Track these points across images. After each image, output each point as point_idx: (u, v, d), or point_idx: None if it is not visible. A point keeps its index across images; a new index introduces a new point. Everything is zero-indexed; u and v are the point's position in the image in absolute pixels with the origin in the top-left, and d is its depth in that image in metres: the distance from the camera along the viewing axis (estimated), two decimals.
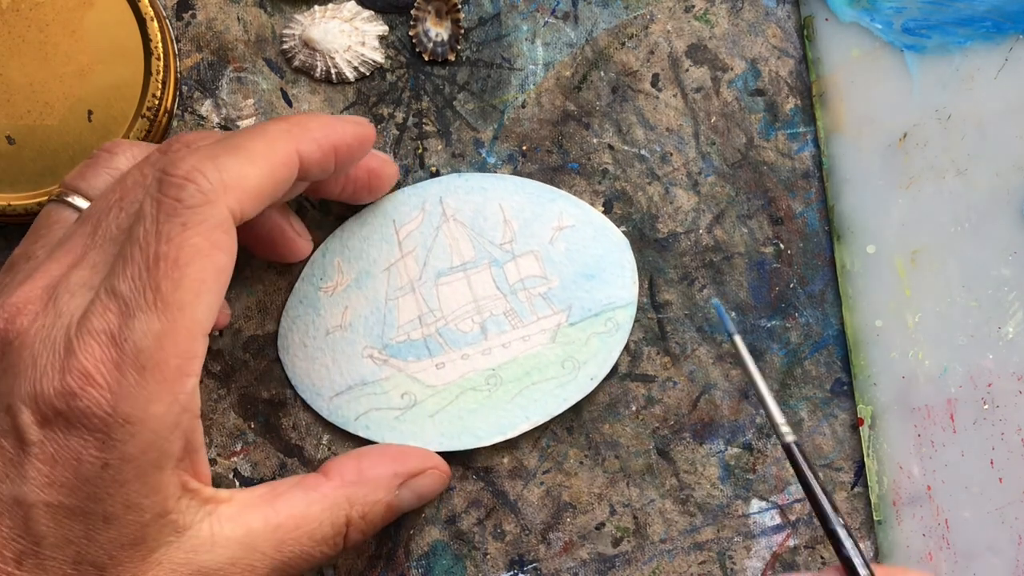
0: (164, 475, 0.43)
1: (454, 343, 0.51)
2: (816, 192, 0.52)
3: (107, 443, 0.42)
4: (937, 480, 0.51)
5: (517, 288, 0.51)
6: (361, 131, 0.48)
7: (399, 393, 0.51)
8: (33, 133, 0.51)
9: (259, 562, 0.45)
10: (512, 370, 0.51)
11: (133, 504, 0.42)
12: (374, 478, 0.48)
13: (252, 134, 0.45)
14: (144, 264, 0.42)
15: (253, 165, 0.44)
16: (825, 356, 0.52)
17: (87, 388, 0.41)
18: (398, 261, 0.52)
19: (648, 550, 0.52)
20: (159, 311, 0.42)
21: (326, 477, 0.48)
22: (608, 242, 0.52)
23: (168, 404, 0.42)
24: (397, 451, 0.50)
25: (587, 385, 0.51)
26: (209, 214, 0.42)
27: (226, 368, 0.52)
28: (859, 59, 0.52)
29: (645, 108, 0.53)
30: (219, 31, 0.53)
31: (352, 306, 0.51)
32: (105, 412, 0.41)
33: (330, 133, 0.46)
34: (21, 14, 0.51)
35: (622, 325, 0.51)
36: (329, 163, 0.47)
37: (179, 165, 0.42)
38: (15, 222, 0.51)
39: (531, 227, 0.52)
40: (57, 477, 0.42)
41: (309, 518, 0.47)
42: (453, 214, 0.52)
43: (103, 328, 0.42)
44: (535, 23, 0.53)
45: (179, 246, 0.42)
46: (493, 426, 0.51)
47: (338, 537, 0.47)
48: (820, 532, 0.51)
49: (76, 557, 0.43)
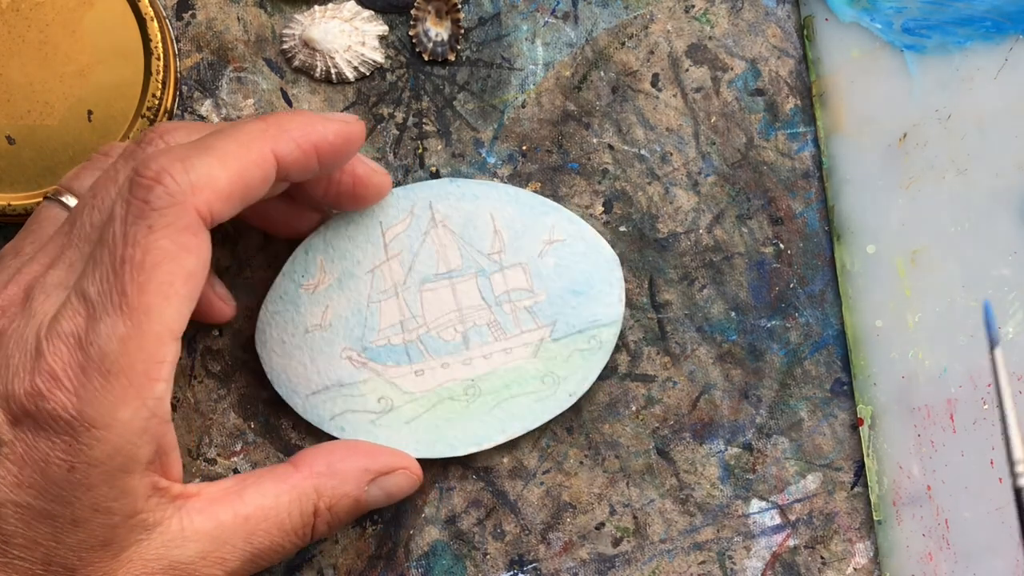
0: (133, 479, 0.43)
1: (435, 351, 0.51)
2: (816, 192, 0.52)
3: (73, 447, 0.41)
4: (937, 480, 0.51)
5: (502, 300, 0.51)
6: (346, 129, 0.46)
7: (376, 397, 0.51)
8: (33, 133, 0.51)
9: (229, 554, 0.46)
10: (491, 382, 0.51)
11: (101, 507, 0.42)
12: (343, 471, 0.48)
13: (226, 134, 0.44)
14: (111, 267, 0.41)
15: (224, 167, 0.43)
16: (825, 356, 0.52)
17: (54, 391, 0.41)
18: (383, 264, 0.51)
19: (648, 550, 0.52)
20: (124, 315, 0.41)
21: (295, 468, 0.48)
22: (598, 258, 0.51)
23: (135, 409, 0.42)
24: (369, 448, 0.50)
25: (565, 401, 0.51)
26: (176, 216, 0.42)
27: (226, 368, 0.52)
28: (859, 59, 0.52)
29: (645, 108, 0.53)
30: (219, 31, 0.53)
31: (333, 306, 0.51)
32: (71, 415, 0.41)
33: (310, 132, 0.45)
34: (21, 14, 0.51)
35: (605, 343, 0.51)
36: (311, 163, 0.45)
37: (149, 166, 0.42)
38: (15, 222, 0.51)
39: (521, 239, 0.51)
40: (26, 478, 0.42)
41: (278, 508, 0.47)
42: (442, 220, 0.51)
43: (71, 331, 0.42)
44: (535, 23, 0.53)
45: (145, 249, 0.41)
46: (469, 437, 0.51)
47: (306, 528, 0.47)
48: (820, 532, 0.51)
49: (45, 558, 0.43)
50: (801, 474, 0.52)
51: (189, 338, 0.52)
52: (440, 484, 0.52)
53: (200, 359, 0.52)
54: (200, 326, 0.52)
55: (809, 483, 0.52)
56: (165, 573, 0.44)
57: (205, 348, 0.52)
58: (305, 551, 0.52)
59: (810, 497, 0.52)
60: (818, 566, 0.51)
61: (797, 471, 0.52)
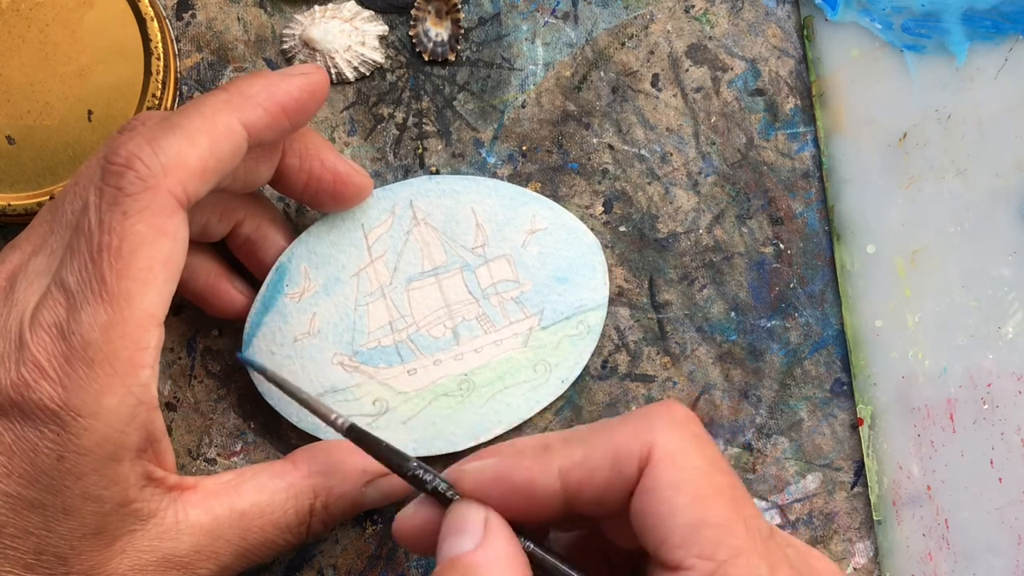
0: (122, 467, 0.43)
1: (426, 349, 0.51)
2: (816, 192, 0.52)
3: (61, 436, 0.41)
4: (937, 480, 0.51)
5: (489, 292, 0.51)
6: (307, 80, 0.46)
7: (371, 400, 0.51)
8: (33, 133, 0.51)
9: (223, 549, 0.46)
10: (485, 375, 0.51)
11: (92, 496, 0.42)
12: (342, 471, 0.48)
13: (190, 110, 0.44)
14: (89, 255, 0.42)
15: (193, 144, 0.43)
16: (825, 356, 0.52)
17: (39, 381, 0.41)
18: (367, 266, 0.51)
19: None
20: (105, 303, 0.41)
21: (293, 466, 0.48)
22: (581, 244, 0.51)
23: (121, 397, 0.42)
24: None
25: (558, 388, 0.51)
26: (151, 200, 0.42)
27: (226, 368, 0.52)
28: (859, 59, 0.52)
29: (645, 108, 0.53)
30: (219, 31, 0.53)
31: (320, 312, 0.51)
32: (57, 405, 0.41)
33: (274, 93, 0.45)
34: (21, 14, 0.51)
35: (593, 328, 0.51)
36: (281, 124, 0.45)
37: (119, 152, 0.42)
38: (15, 222, 0.51)
39: (503, 231, 0.51)
40: (15, 468, 0.42)
41: (274, 506, 0.47)
42: (424, 218, 0.51)
43: (53, 321, 0.42)
44: (535, 23, 0.53)
45: (121, 236, 0.41)
46: (467, 431, 0.51)
47: (301, 526, 0.47)
48: (820, 532, 0.51)
49: (36, 548, 0.43)
50: (801, 474, 0.52)
51: (189, 338, 0.52)
52: None
53: (200, 359, 0.52)
54: (200, 326, 0.52)
55: (809, 483, 0.52)
56: (158, 565, 0.44)
57: (205, 348, 0.52)
58: (305, 551, 0.52)
59: (810, 497, 0.52)
60: None
61: (797, 471, 0.52)
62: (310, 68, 0.46)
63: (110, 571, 0.44)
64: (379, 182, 0.53)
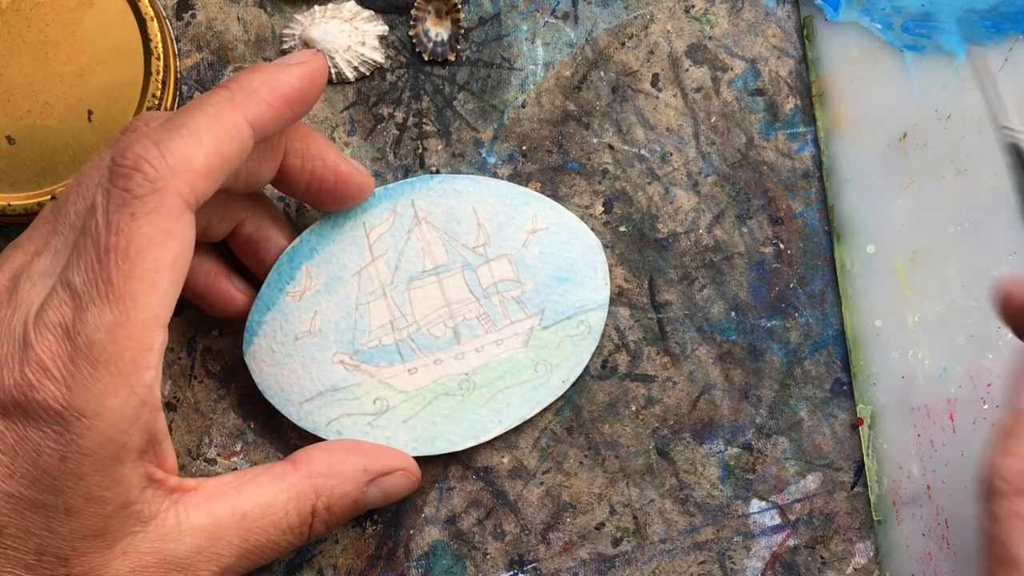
0: (125, 468, 0.43)
1: (427, 348, 0.51)
2: (816, 192, 0.52)
3: (64, 436, 0.41)
4: (937, 480, 0.51)
5: (490, 292, 0.51)
6: (307, 69, 0.46)
7: (371, 399, 0.51)
8: (33, 133, 0.51)
9: (225, 550, 0.46)
10: (485, 374, 0.51)
11: (94, 497, 0.42)
12: (343, 472, 0.48)
13: (194, 109, 0.43)
14: (95, 256, 0.42)
15: (199, 144, 0.43)
16: (825, 356, 0.52)
17: (44, 381, 0.41)
18: (369, 265, 0.51)
19: (648, 550, 0.52)
20: (111, 303, 0.41)
21: (294, 467, 0.48)
22: (582, 245, 0.51)
23: (125, 398, 0.42)
24: (369, 448, 0.50)
25: (559, 388, 0.51)
26: (159, 202, 0.42)
27: (226, 368, 0.52)
28: (859, 59, 0.52)
29: (645, 108, 0.53)
30: (219, 31, 0.53)
31: (321, 311, 0.51)
32: (61, 405, 0.41)
33: (276, 86, 0.45)
34: (21, 14, 0.51)
35: (594, 328, 0.51)
36: (285, 116, 0.45)
37: (126, 154, 0.42)
38: (15, 222, 0.51)
39: (505, 230, 0.51)
40: (18, 468, 0.42)
41: (276, 507, 0.47)
42: (425, 217, 0.51)
43: (58, 321, 0.42)
44: (535, 23, 0.53)
45: (129, 237, 0.41)
46: (467, 431, 0.51)
47: (303, 527, 0.47)
48: (820, 532, 0.51)
49: (38, 548, 0.43)
50: (801, 474, 0.52)
51: (189, 338, 0.52)
52: (440, 484, 0.52)
53: (200, 359, 0.52)
54: (200, 326, 0.52)
55: (809, 483, 0.52)
56: (159, 566, 0.44)
57: (205, 348, 0.52)
58: (305, 551, 0.52)
59: (810, 497, 0.52)
60: (818, 566, 0.51)
61: (797, 471, 0.52)
62: (307, 55, 0.46)
63: (111, 573, 0.44)
64: (379, 182, 0.53)
